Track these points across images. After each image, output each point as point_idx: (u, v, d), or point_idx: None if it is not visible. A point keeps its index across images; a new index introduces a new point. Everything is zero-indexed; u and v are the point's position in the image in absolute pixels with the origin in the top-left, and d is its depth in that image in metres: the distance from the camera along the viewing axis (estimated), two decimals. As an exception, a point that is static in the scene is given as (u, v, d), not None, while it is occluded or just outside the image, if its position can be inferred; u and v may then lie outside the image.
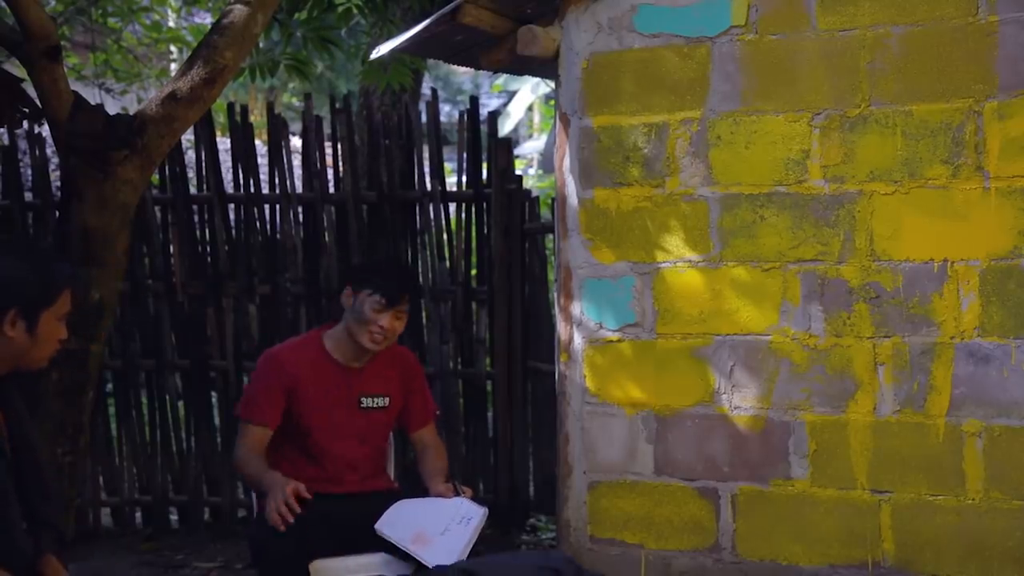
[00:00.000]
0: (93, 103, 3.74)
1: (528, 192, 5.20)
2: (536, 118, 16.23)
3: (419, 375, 3.84)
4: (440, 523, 3.34)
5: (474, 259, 5.30)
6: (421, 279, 5.16)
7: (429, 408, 3.85)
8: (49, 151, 5.26)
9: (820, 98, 3.69)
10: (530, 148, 15.40)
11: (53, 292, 2.55)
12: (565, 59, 3.97)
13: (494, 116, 5.31)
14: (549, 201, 8.12)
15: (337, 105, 5.26)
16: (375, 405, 3.67)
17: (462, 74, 17.58)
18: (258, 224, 5.24)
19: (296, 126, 10.24)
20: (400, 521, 3.35)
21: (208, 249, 5.24)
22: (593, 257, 3.91)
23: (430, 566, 3.20)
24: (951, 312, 3.57)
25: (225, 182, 5.49)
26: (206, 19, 10.52)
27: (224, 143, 6.00)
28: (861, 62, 3.64)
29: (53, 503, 2.75)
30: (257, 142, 5.52)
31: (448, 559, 3.20)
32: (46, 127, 4.18)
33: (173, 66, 11.16)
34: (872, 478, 3.67)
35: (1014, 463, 3.52)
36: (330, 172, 5.28)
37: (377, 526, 3.32)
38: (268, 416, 3.58)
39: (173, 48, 10.89)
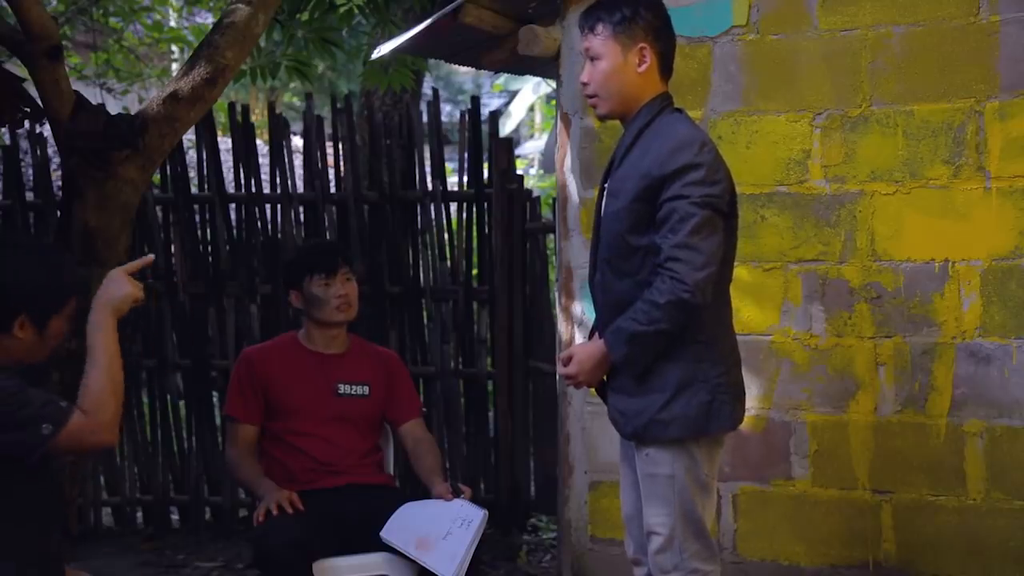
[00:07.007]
0: (94, 103, 3.73)
1: (529, 192, 5.19)
2: (537, 118, 16.19)
3: (403, 373, 3.87)
4: (442, 527, 3.35)
5: (475, 259, 5.29)
6: (422, 279, 5.17)
7: (416, 402, 3.88)
8: (50, 151, 5.24)
9: (821, 98, 3.69)
10: (531, 148, 15.37)
11: (63, 299, 2.56)
12: (566, 59, 3.97)
13: (495, 116, 5.31)
14: (550, 201, 8.12)
15: (338, 105, 5.26)
16: (354, 393, 3.69)
17: (463, 74, 17.55)
18: (259, 224, 5.24)
19: (297, 126, 10.24)
20: (403, 527, 3.38)
21: (209, 249, 5.24)
22: (594, 257, 3.90)
23: (434, 571, 3.25)
24: (952, 312, 3.57)
25: (226, 182, 5.49)
26: (207, 19, 10.51)
27: (225, 143, 5.98)
28: (862, 62, 3.64)
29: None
30: (258, 142, 5.51)
31: (451, 562, 3.25)
32: (47, 127, 4.18)
33: (174, 66, 11.15)
34: (873, 478, 3.67)
35: (1015, 463, 3.52)
36: (331, 172, 5.28)
37: (382, 534, 3.36)
38: (246, 412, 3.66)
39: (174, 48, 10.86)
